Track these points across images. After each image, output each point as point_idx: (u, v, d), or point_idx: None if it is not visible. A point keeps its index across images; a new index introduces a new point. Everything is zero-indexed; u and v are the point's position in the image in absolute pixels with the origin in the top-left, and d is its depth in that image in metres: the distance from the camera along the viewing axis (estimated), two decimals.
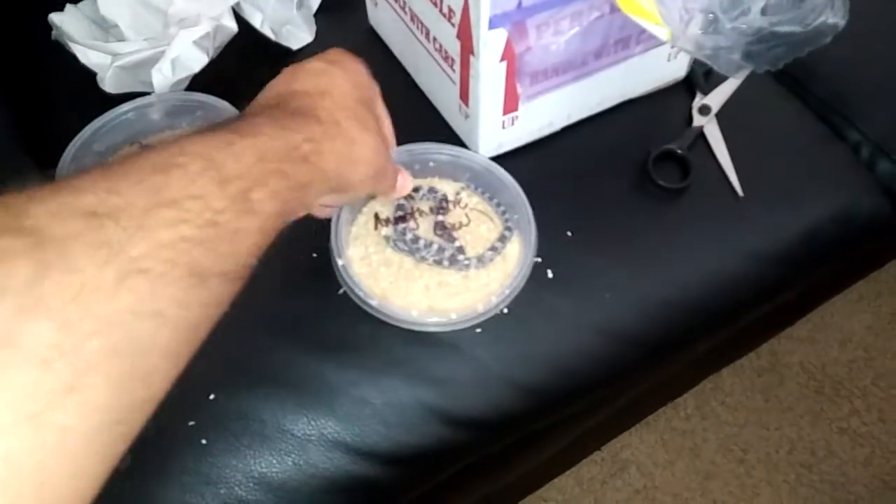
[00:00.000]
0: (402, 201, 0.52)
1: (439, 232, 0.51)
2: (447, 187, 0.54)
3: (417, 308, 0.48)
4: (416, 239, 0.50)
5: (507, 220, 0.52)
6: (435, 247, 0.50)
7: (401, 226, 0.51)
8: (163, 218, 0.24)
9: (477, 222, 0.52)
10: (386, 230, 0.51)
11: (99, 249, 0.22)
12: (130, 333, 0.23)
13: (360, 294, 0.47)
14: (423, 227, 0.52)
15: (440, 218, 0.52)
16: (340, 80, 0.39)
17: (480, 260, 0.50)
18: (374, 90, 0.43)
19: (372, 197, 0.52)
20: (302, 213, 0.35)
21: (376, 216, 0.52)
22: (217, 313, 0.27)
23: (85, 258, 0.22)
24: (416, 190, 0.53)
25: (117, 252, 0.23)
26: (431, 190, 0.53)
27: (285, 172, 0.30)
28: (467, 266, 0.50)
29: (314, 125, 0.34)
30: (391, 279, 0.49)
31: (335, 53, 0.41)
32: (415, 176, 0.53)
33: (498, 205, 0.53)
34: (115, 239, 0.23)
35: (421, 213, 0.52)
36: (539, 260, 0.52)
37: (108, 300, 0.22)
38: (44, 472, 0.21)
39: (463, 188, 0.54)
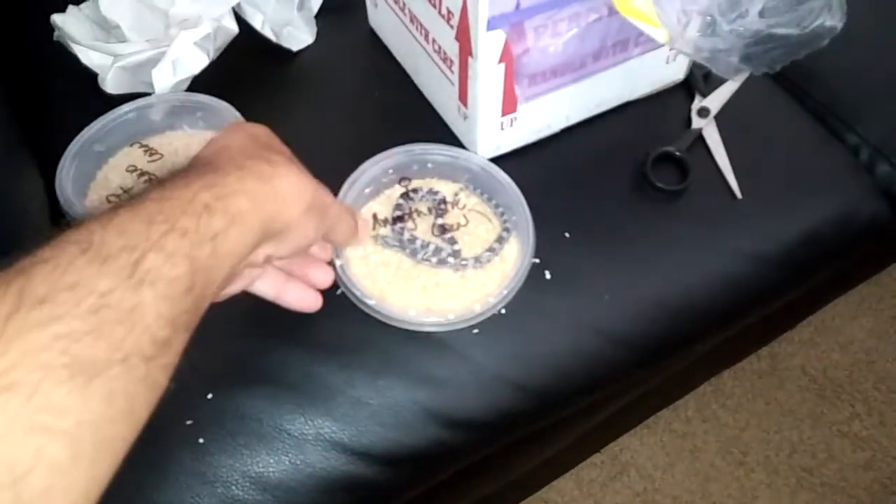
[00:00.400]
0: (400, 201, 0.52)
1: (437, 233, 0.51)
2: (445, 188, 0.54)
3: (415, 308, 0.48)
4: (413, 239, 0.51)
5: (505, 222, 0.52)
6: (432, 247, 0.50)
7: (398, 225, 0.51)
8: (33, 320, 0.23)
9: (475, 223, 0.52)
10: (384, 230, 0.51)
11: None
12: (13, 454, 0.21)
13: (358, 294, 0.48)
14: (422, 227, 0.52)
15: (439, 220, 0.52)
16: (236, 135, 0.37)
17: (478, 260, 0.50)
18: (280, 144, 0.39)
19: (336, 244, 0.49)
20: (237, 269, 0.33)
21: (375, 216, 0.52)
22: (143, 402, 0.26)
23: None
24: (414, 191, 0.53)
25: None
26: (430, 191, 0.53)
27: (184, 229, 0.28)
28: (465, 266, 0.50)
29: (211, 174, 0.31)
30: (389, 279, 0.49)
31: (233, 123, 0.40)
32: (413, 177, 0.54)
33: (496, 206, 0.53)
34: None
35: (419, 213, 0.52)
36: (537, 261, 0.52)
37: None
38: None
39: (461, 189, 0.54)
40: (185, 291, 0.28)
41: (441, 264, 0.50)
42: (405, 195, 0.53)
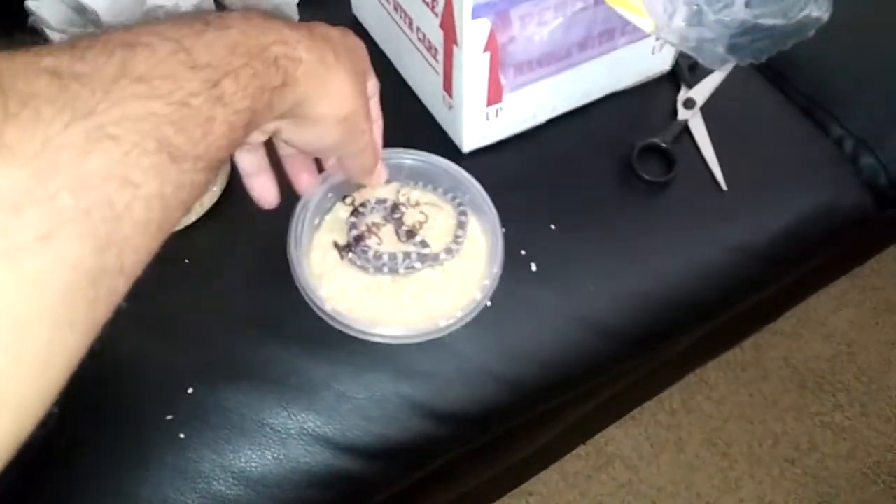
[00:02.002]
0: (353, 219, 0.50)
1: (405, 238, 0.49)
2: (388, 192, 0.51)
3: (412, 320, 0.47)
4: (379, 255, 0.48)
5: (459, 204, 0.51)
6: (401, 255, 0.48)
7: (362, 246, 0.49)
8: (132, 91, 0.24)
9: (433, 216, 0.50)
10: (351, 256, 0.49)
11: (64, 108, 0.22)
12: (103, 197, 0.22)
13: (353, 331, 0.46)
14: (387, 238, 0.49)
15: (401, 226, 0.50)
16: (336, 33, 0.38)
17: (449, 251, 0.49)
18: (366, 66, 0.41)
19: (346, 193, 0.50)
20: (264, 130, 0.34)
21: (335, 245, 0.49)
22: (189, 202, 0.27)
23: (50, 114, 0.21)
24: (362, 205, 0.50)
25: (85, 114, 0.22)
26: (378, 200, 0.51)
27: (255, 69, 0.29)
28: (442, 260, 0.49)
29: (288, 30, 0.32)
30: (377, 303, 0.48)
31: (339, 27, 0.40)
32: (348, 192, 0.51)
33: (444, 192, 0.51)
34: (82, 101, 0.22)
35: (377, 226, 0.50)
36: (523, 253, 0.52)
37: (78, 160, 0.22)
38: (21, 313, 0.20)
39: (401, 186, 0.52)
40: (241, 127, 0.29)
41: (418, 267, 0.48)
42: (354, 213, 0.50)
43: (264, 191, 0.44)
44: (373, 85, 0.43)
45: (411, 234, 0.49)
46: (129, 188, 0.23)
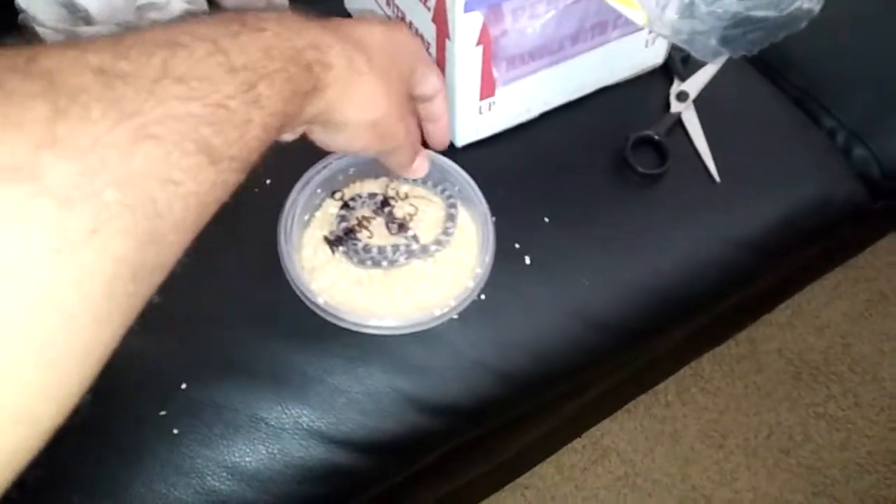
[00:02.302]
0: (343, 212, 0.50)
1: (396, 231, 0.49)
2: (377, 186, 0.52)
3: (404, 311, 0.47)
4: (369, 248, 0.48)
5: (449, 197, 0.51)
6: (389, 248, 0.48)
7: (352, 240, 0.49)
8: (173, 91, 0.24)
9: (422, 208, 0.51)
10: (340, 249, 0.49)
11: (111, 106, 0.22)
12: (146, 195, 0.23)
13: (347, 323, 0.46)
14: (378, 232, 0.50)
15: (392, 219, 0.50)
16: (373, 26, 0.38)
17: (439, 242, 0.49)
18: (415, 65, 0.41)
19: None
20: (294, 131, 0.35)
21: (326, 239, 0.49)
22: (222, 199, 0.27)
23: (98, 112, 0.22)
24: (352, 199, 0.51)
25: (130, 114, 0.23)
26: (370, 195, 0.51)
27: (290, 73, 0.30)
28: (432, 252, 0.49)
29: (321, 34, 0.33)
30: (369, 296, 0.48)
31: (395, 22, 0.41)
32: (341, 187, 0.51)
33: (434, 185, 0.51)
34: (127, 100, 0.23)
35: (368, 220, 0.50)
36: (517, 246, 0.52)
37: (124, 158, 0.22)
38: (67, 308, 0.21)
39: (390, 181, 0.52)
40: (275, 129, 0.29)
41: (409, 259, 0.48)
42: (344, 206, 0.50)
43: None
44: (434, 83, 0.43)
45: (402, 226, 0.49)
46: (170, 186, 0.24)
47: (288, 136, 0.38)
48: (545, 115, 0.58)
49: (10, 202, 0.19)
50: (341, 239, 0.49)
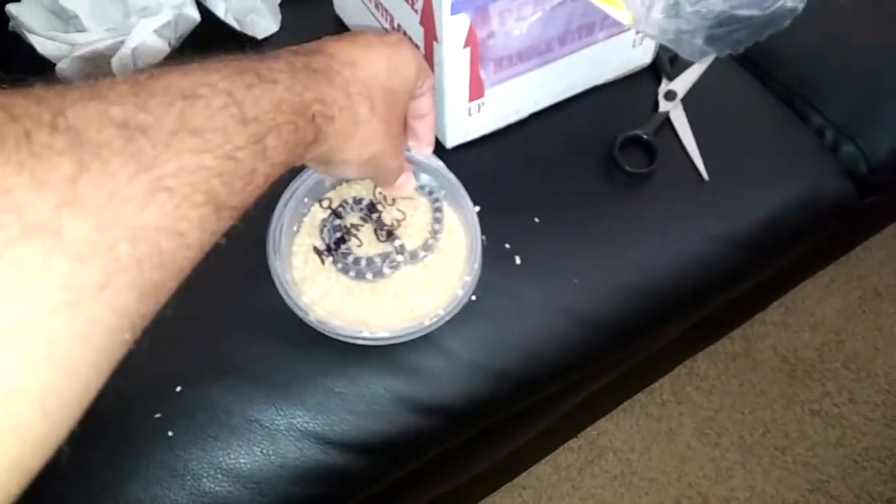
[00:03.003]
0: (337, 221, 0.50)
1: (385, 238, 0.49)
2: (362, 190, 0.51)
3: (396, 318, 0.47)
4: (358, 259, 0.48)
5: (435, 200, 0.51)
6: (378, 259, 0.48)
7: (343, 249, 0.49)
8: (188, 144, 0.25)
9: (410, 212, 0.50)
10: (330, 259, 0.48)
11: (130, 160, 0.23)
12: (154, 247, 0.24)
13: (339, 334, 0.45)
14: (367, 239, 0.49)
15: (381, 226, 0.50)
16: (378, 59, 0.38)
17: (428, 247, 0.49)
18: (416, 85, 0.42)
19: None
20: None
21: (315, 249, 0.49)
22: (213, 243, 0.28)
23: (117, 166, 0.23)
24: (340, 206, 0.50)
25: (148, 167, 0.23)
26: (354, 200, 0.51)
27: (296, 126, 0.31)
28: (421, 257, 0.49)
29: (326, 88, 0.34)
30: (359, 306, 0.48)
31: (395, 36, 0.41)
32: (324, 193, 0.51)
33: (421, 187, 0.51)
34: (146, 154, 0.24)
35: (356, 227, 0.50)
36: (507, 246, 0.52)
37: (137, 211, 0.23)
38: (74, 359, 0.21)
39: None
40: (275, 176, 0.30)
41: (394, 270, 0.48)
42: (333, 214, 0.50)
43: None
44: (427, 84, 0.44)
45: (390, 234, 0.49)
46: (177, 237, 0.24)
47: None
48: (534, 116, 0.59)
49: (31, 259, 0.20)
50: (330, 249, 0.49)
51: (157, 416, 0.46)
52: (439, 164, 0.50)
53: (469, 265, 0.48)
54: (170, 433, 0.45)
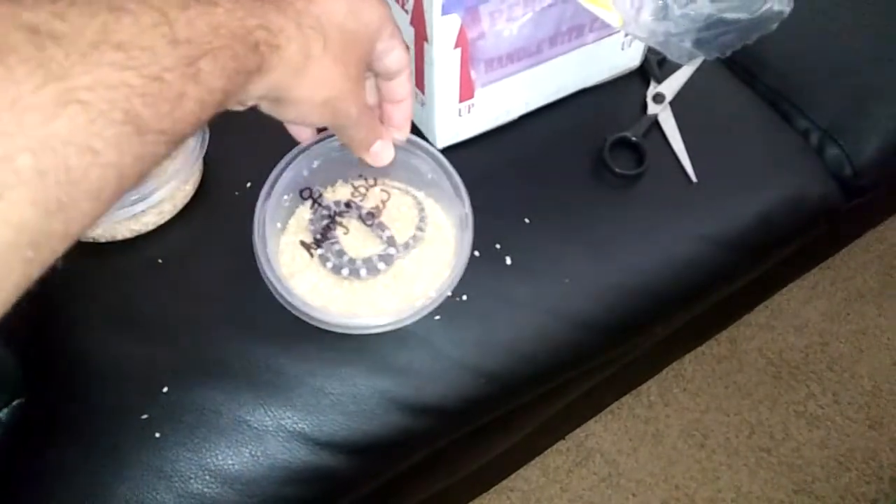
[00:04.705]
0: (322, 211, 0.49)
1: (369, 221, 0.49)
2: (346, 193, 0.51)
3: (387, 308, 0.47)
4: (353, 260, 0.48)
5: (417, 188, 0.50)
6: (366, 261, 0.48)
7: (331, 239, 0.48)
8: (110, 58, 0.24)
9: (395, 199, 0.50)
10: (319, 251, 0.48)
11: (38, 68, 0.22)
12: (62, 161, 0.22)
13: (335, 328, 0.45)
14: (353, 226, 0.49)
15: (365, 209, 0.49)
16: (340, 11, 0.36)
17: (416, 238, 0.49)
18: (378, 35, 0.39)
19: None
20: (244, 104, 0.34)
21: (302, 243, 0.49)
22: (146, 172, 0.27)
23: (24, 73, 0.22)
24: (320, 195, 0.50)
25: (58, 77, 0.22)
26: (336, 202, 0.50)
27: (235, 52, 0.29)
28: (411, 248, 0.49)
29: (274, 16, 0.32)
30: (349, 297, 0.47)
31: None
32: (305, 185, 0.49)
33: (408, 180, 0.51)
34: (57, 63, 0.22)
35: (340, 214, 0.49)
36: (498, 247, 0.52)
37: (44, 122, 0.22)
38: None
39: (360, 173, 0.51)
40: (213, 106, 0.29)
41: (389, 261, 0.48)
42: (315, 204, 0.49)
43: (300, 131, 0.45)
44: (398, 58, 0.40)
45: (373, 216, 0.49)
46: (89, 155, 0.23)
47: (237, 107, 0.37)
48: (524, 118, 0.59)
49: None
50: (318, 241, 0.48)
51: (144, 416, 0.45)
52: (427, 146, 0.48)
53: (459, 248, 0.47)
54: (157, 434, 0.45)
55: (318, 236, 0.49)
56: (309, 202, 0.50)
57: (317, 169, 0.49)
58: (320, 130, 0.47)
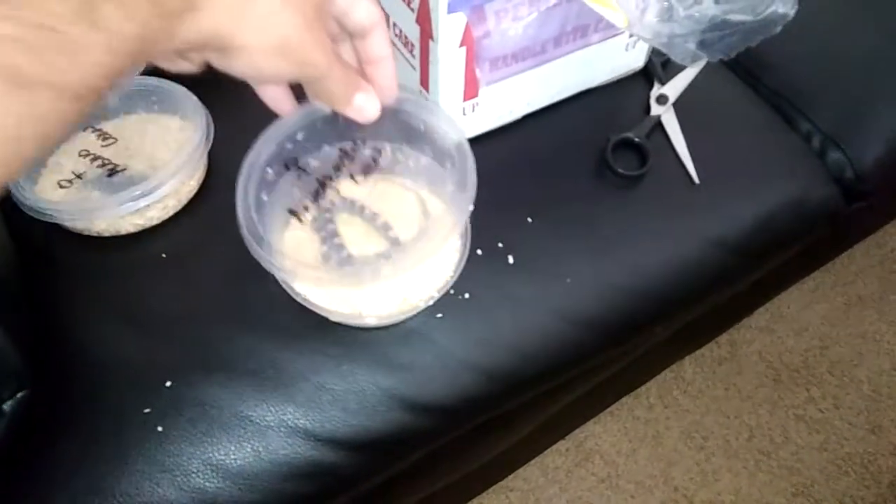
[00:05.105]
0: (312, 182, 0.48)
1: (361, 178, 0.48)
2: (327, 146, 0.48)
3: (390, 304, 0.47)
4: (355, 257, 0.48)
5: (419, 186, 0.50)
6: (371, 253, 0.48)
7: (325, 210, 0.47)
8: None
9: (398, 198, 0.50)
10: (315, 225, 0.47)
11: None
12: None
13: (333, 317, 0.45)
14: (344, 186, 0.48)
15: (352, 168, 0.47)
16: None
17: (419, 236, 0.48)
18: None
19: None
20: (191, 60, 0.31)
21: (291, 211, 0.47)
22: (55, 134, 0.25)
23: None
24: (306, 163, 0.48)
25: None
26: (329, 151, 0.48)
27: None
28: (414, 244, 0.48)
29: None
30: (354, 291, 0.47)
31: None
32: (294, 155, 0.47)
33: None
34: None
35: (329, 178, 0.48)
36: (500, 245, 0.52)
37: None
38: None
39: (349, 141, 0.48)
40: (126, 54, 0.26)
41: (391, 258, 0.48)
42: (300, 174, 0.47)
43: (277, 101, 0.40)
44: (367, 10, 0.36)
45: (368, 169, 0.48)
46: None
47: (186, 67, 0.34)
48: (528, 117, 0.59)
49: None
50: (314, 218, 0.47)
51: (147, 411, 0.45)
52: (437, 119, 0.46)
53: (462, 244, 0.48)
54: (159, 428, 0.45)
55: (307, 203, 0.47)
56: (294, 172, 0.48)
57: (302, 140, 0.47)
58: (300, 101, 0.42)
